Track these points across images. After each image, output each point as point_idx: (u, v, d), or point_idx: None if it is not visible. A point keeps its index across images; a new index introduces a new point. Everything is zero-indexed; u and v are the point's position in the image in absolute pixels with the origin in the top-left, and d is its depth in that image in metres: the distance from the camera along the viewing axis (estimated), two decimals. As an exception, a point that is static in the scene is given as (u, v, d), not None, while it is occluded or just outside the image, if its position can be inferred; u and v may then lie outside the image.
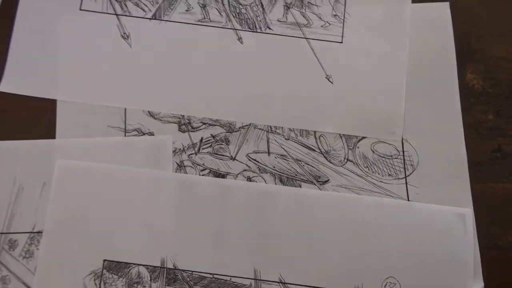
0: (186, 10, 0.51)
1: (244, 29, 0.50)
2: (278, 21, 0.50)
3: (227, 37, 0.50)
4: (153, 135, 0.48)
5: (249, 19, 0.51)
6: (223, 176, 0.47)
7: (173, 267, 0.44)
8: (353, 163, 0.48)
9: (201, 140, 0.48)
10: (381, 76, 0.49)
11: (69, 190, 0.46)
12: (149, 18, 0.50)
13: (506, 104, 0.50)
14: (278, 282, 0.44)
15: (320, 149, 0.48)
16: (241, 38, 0.50)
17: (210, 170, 0.47)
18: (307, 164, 0.48)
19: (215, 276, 0.44)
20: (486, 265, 0.45)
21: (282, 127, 0.48)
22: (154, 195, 0.46)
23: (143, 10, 0.50)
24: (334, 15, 0.51)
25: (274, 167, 0.47)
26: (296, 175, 0.47)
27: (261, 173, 0.47)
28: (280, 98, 0.49)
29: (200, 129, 0.48)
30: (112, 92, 0.48)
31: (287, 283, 0.44)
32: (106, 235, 0.45)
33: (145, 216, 0.45)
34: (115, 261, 0.44)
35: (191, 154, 0.47)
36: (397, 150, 0.48)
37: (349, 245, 0.45)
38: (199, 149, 0.48)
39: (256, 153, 0.48)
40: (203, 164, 0.47)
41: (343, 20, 0.51)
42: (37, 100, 0.48)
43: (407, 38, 0.50)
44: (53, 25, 0.49)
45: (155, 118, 0.48)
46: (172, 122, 0.48)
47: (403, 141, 0.48)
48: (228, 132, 0.48)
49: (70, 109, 0.48)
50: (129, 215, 0.45)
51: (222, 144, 0.48)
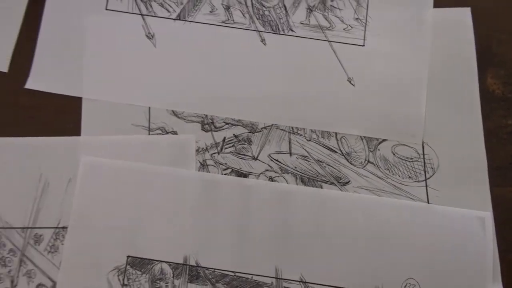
0: (210, 11, 0.51)
1: (267, 31, 0.51)
2: (301, 24, 0.51)
3: (250, 39, 0.51)
4: (177, 134, 0.48)
5: (272, 21, 0.51)
6: (245, 176, 0.48)
7: (196, 265, 0.45)
8: (374, 165, 0.48)
9: (224, 140, 0.49)
10: (402, 80, 0.50)
11: (94, 187, 0.46)
12: (174, 19, 0.51)
13: (526, 109, 0.50)
14: (299, 282, 0.45)
15: (341, 151, 0.49)
16: (264, 40, 0.51)
17: (232, 170, 0.48)
18: (328, 165, 0.48)
19: (237, 274, 0.45)
20: (505, 268, 0.46)
21: (304, 128, 0.49)
22: (177, 193, 0.47)
23: (168, 11, 0.51)
24: (356, 19, 0.51)
25: (296, 168, 0.48)
26: (317, 176, 0.48)
27: (283, 173, 0.48)
28: (302, 100, 0.49)
29: (223, 129, 0.49)
30: (137, 91, 0.49)
31: (308, 283, 0.45)
32: (130, 232, 0.46)
33: (168, 214, 0.46)
34: (139, 257, 0.45)
35: (214, 153, 0.48)
36: (418, 153, 0.48)
37: (370, 246, 0.46)
38: (222, 149, 0.48)
39: (278, 154, 0.48)
40: (226, 164, 0.48)
41: (365, 24, 0.51)
42: (63, 98, 0.49)
43: (429, 42, 0.51)
44: (79, 24, 0.50)
45: (179, 117, 0.49)
46: (196, 122, 0.49)
47: (424, 144, 0.49)
48: (251, 132, 0.49)
49: (95, 107, 0.48)
50: (153, 213, 0.46)
51: (245, 144, 0.49)
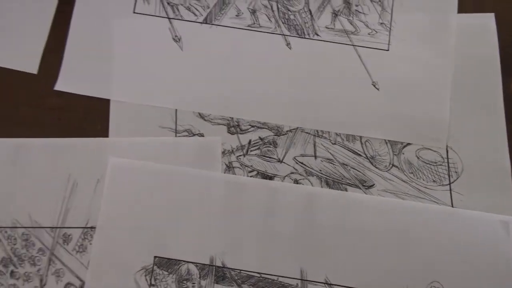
0: (236, 15, 0.52)
1: (293, 35, 0.51)
2: (326, 28, 0.52)
3: (276, 42, 0.51)
4: (203, 136, 0.49)
5: (298, 25, 0.52)
6: (271, 178, 0.48)
7: (222, 265, 0.46)
8: (398, 169, 0.49)
9: (250, 142, 0.49)
10: (427, 84, 0.50)
11: (122, 188, 0.47)
12: (200, 22, 0.52)
13: (550, 115, 0.50)
14: (324, 283, 0.45)
15: (366, 154, 0.49)
16: (290, 44, 0.51)
17: (258, 172, 0.48)
18: (353, 169, 0.49)
19: (263, 275, 0.46)
20: (530, 273, 0.46)
21: (329, 132, 0.49)
22: (204, 195, 0.47)
23: (195, 14, 0.52)
24: (381, 23, 0.52)
25: (321, 171, 0.48)
26: (342, 179, 0.48)
27: (308, 176, 0.48)
28: (327, 103, 0.50)
29: (249, 132, 0.49)
30: (164, 94, 0.50)
31: (333, 284, 0.45)
32: (157, 232, 0.46)
33: (195, 215, 0.47)
34: (166, 258, 0.46)
35: (240, 156, 0.49)
36: (442, 157, 0.49)
37: (394, 249, 0.46)
38: (248, 151, 0.49)
39: (303, 156, 0.49)
40: (251, 166, 0.48)
41: (390, 28, 0.52)
42: (91, 99, 0.50)
43: (453, 47, 0.51)
44: (108, 27, 0.51)
45: (205, 120, 0.49)
46: (222, 124, 0.49)
47: (448, 148, 0.49)
48: (276, 135, 0.49)
49: (123, 109, 0.49)
50: (179, 214, 0.47)
51: (270, 147, 0.49)
